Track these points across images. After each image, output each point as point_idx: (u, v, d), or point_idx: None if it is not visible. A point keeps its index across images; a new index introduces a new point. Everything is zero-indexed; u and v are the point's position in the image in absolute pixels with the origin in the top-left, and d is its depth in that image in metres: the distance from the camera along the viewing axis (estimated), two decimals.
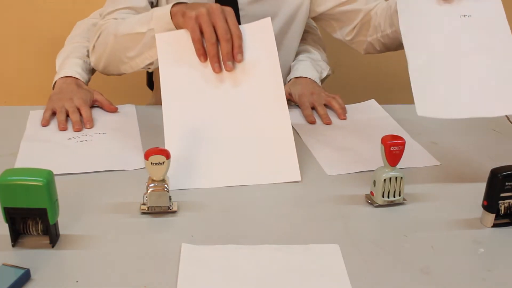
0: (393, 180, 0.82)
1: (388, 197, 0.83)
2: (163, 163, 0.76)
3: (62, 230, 0.75)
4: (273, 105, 0.96)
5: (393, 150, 0.80)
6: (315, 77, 1.25)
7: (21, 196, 0.68)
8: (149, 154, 0.76)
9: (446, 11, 0.98)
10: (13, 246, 0.72)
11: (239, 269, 0.69)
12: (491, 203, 0.78)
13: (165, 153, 0.76)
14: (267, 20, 0.99)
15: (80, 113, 1.10)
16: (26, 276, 0.66)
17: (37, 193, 0.68)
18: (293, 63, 1.31)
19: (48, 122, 1.09)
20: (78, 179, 0.90)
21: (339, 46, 1.36)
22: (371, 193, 0.85)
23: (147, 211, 0.81)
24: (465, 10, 0.98)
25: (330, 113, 1.16)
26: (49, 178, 0.69)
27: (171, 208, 0.81)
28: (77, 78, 1.19)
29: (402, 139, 0.80)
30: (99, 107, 1.17)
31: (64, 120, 1.08)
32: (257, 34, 0.99)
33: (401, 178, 0.83)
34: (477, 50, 0.94)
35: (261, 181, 0.90)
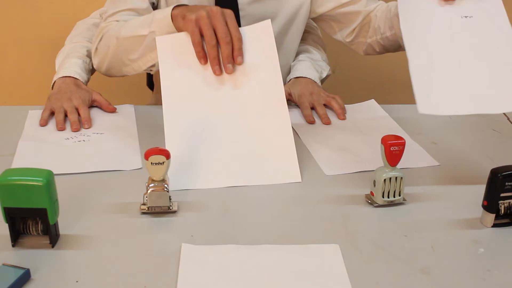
0: (393, 180, 0.82)
1: (388, 197, 0.83)
2: (163, 163, 0.76)
3: (62, 230, 0.75)
4: (273, 107, 0.96)
5: (393, 150, 0.80)
6: (315, 77, 1.25)
7: (21, 196, 0.68)
8: (149, 154, 0.76)
9: (447, 12, 0.98)
10: (13, 246, 0.72)
11: (239, 269, 0.69)
12: (491, 203, 0.78)
13: (165, 153, 0.76)
14: (267, 22, 0.99)
15: (78, 113, 1.10)
16: (26, 276, 0.66)
17: (37, 193, 0.68)
18: (293, 63, 1.31)
19: (46, 122, 1.09)
20: (78, 179, 0.90)
21: (339, 46, 1.37)
22: (371, 193, 0.85)
23: (147, 211, 0.81)
24: (466, 11, 0.98)
25: (329, 113, 1.16)
26: (49, 178, 0.69)
27: (171, 208, 0.81)
28: (76, 78, 1.19)
29: (402, 139, 0.80)
30: (98, 107, 1.17)
31: (62, 120, 1.08)
32: (257, 36, 0.99)
33: (401, 178, 0.83)
34: (478, 50, 0.94)
35: (262, 181, 0.90)
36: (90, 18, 1.38)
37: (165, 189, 0.79)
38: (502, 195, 0.77)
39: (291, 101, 1.21)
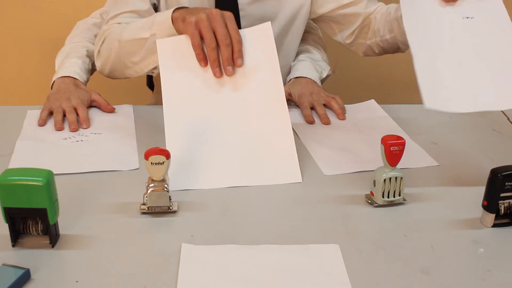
0: (393, 180, 0.82)
1: (388, 197, 0.83)
2: (163, 163, 0.76)
3: (62, 230, 0.75)
4: (273, 108, 0.96)
5: (393, 150, 0.80)
6: (315, 77, 1.25)
7: (21, 196, 0.68)
8: (149, 154, 0.76)
9: (448, 13, 0.98)
10: (13, 246, 0.72)
11: (239, 269, 0.69)
12: (491, 203, 0.78)
13: (165, 153, 0.76)
14: (267, 24, 1.00)
15: (77, 113, 1.10)
16: (26, 276, 0.66)
17: (37, 193, 0.68)
18: (293, 63, 1.31)
19: (44, 121, 1.09)
20: (77, 179, 0.90)
21: (339, 46, 1.37)
22: (371, 193, 0.85)
23: (147, 211, 0.81)
24: (467, 12, 0.98)
25: (329, 113, 1.16)
26: (49, 178, 0.69)
27: (171, 208, 0.81)
28: (75, 78, 1.19)
29: (402, 139, 0.80)
30: (96, 107, 1.17)
31: (60, 120, 1.08)
32: (257, 38, 0.99)
33: (401, 178, 0.83)
34: (480, 49, 0.94)
35: (262, 182, 0.90)
36: (90, 18, 1.38)
37: (165, 189, 0.79)
38: (502, 195, 0.77)
39: (291, 101, 1.21)
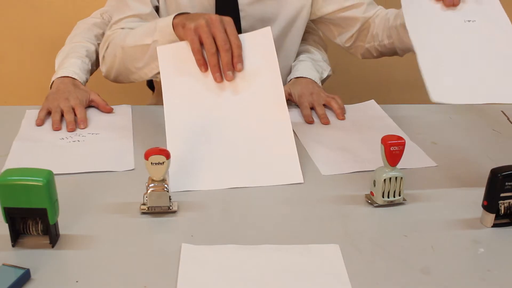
0: (393, 180, 0.82)
1: (388, 197, 0.83)
2: (163, 163, 0.76)
3: (62, 230, 0.75)
4: (274, 111, 0.97)
5: (393, 150, 0.80)
6: (315, 77, 1.25)
7: (21, 196, 0.68)
8: (149, 154, 0.76)
9: (450, 16, 0.98)
10: (13, 246, 0.72)
11: (239, 269, 0.69)
12: (491, 203, 0.78)
13: (165, 153, 0.76)
14: (267, 29, 1.01)
15: (75, 113, 1.10)
16: (26, 276, 0.66)
17: (37, 193, 0.68)
18: (294, 63, 1.31)
19: (42, 121, 1.09)
20: (77, 179, 0.90)
21: (339, 46, 1.37)
22: (371, 193, 0.85)
23: (147, 211, 0.81)
24: (468, 15, 0.98)
25: (329, 114, 1.16)
26: (49, 178, 0.69)
27: (171, 208, 0.81)
28: (75, 78, 1.19)
29: (402, 139, 0.80)
30: (95, 107, 1.17)
31: (58, 120, 1.08)
32: (257, 43, 1.00)
33: (401, 178, 0.83)
34: (484, 49, 0.94)
35: (264, 183, 0.90)
36: (90, 18, 1.38)
37: (165, 189, 0.79)
38: (502, 195, 0.77)
39: (291, 101, 1.21)
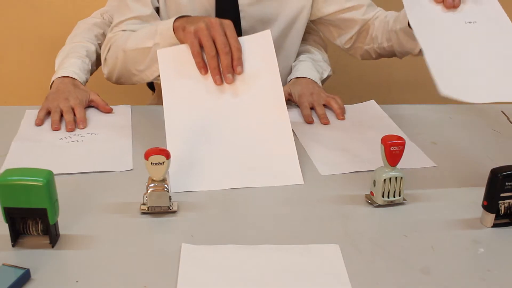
0: (393, 180, 0.82)
1: (388, 197, 0.83)
2: (163, 163, 0.76)
3: (62, 230, 0.75)
4: (273, 113, 0.97)
5: (393, 150, 0.80)
6: (315, 77, 1.25)
7: (21, 196, 0.68)
8: (149, 154, 0.76)
9: (451, 17, 0.98)
10: (13, 246, 0.72)
11: (239, 269, 0.69)
12: (491, 203, 0.78)
13: (165, 153, 0.76)
14: (267, 32, 1.01)
15: (74, 113, 1.10)
16: (26, 276, 0.66)
17: (37, 193, 0.68)
18: (294, 63, 1.31)
19: (42, 121, 1.09)
20: (77, 179, 0.90)
21: (339, 47, 1.37)
22: (371, 193, 0.85)
23: (147, 211, 0.81)
24: (469, 16, 0.98)
25: (329, 114, 1.16)
26: (49, 178, 0.69)
27: (171, 208, 0.81)
28: (74, 78, 1.19)
29: (402, 139, 0.80)
30: (95, 107, 1.17)
31: (57, 120, 1.08)
32: (257, 45, 1.01)
33: (401, 178, 0.83)
34: (489, 49, 0.94)
35: (264, 184, 0.90)
36: (91, 17, 1.38)
37: (165, 189, 0.79)
38: (502, 195, 0.77)
39: (291, 101, 1.21)
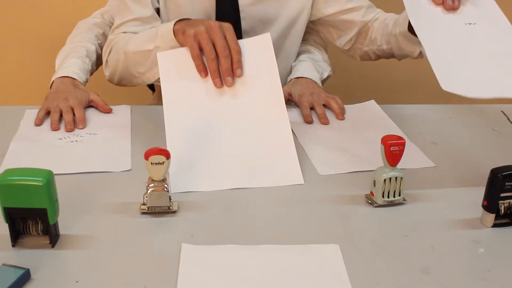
0: (393, 180, 0.82)
1: (388, 197, 0.83)
2: (163, 163, 0.76)
3: (62, 230, 0.75)
4: (273, 114, 0.98)
5: (393, 150, 0.80)
6: (315, 77, 1.25)
7: (21, 196, 0.68)
8: (149, 154, 0.76)
9: (451, 19, 0.98)
10: (13, 246, 0.72)
11: (239, 269, 0.69)
12: (491, 203, 0.78)
13: (165, 153, 0.76)
14: (267, 35, 1.02)
15: (74, 113, 1.10)
16: (26, 276, 0.66)
17: (37, 193, 0.68)
18: (294, 63, 1.31)
19: (41, 121, 1.09)
20: (78, 179, 0.90)
21: (339, 48, 1.37)
22: (371, 193, 0.85)
23: (147, 211, 0.81)
24: (468, 18, 0.98)
25: (328, 114, 1.16)
26: (49, 178, 0.69)
27: (171, 208, 0.81)
28: (74, 78, 1.19)
29: (402, 139, 0.80)
30: (95, 107, 1.17)
31: (57, 120, 1.08)
32: (257, 48, 1.01)
33: (401, 178, 0.83)
34: (490, 49, 0.94)
35: (264, 184, 0.90)
36: (91, 17, 1.38)
37: (165, 189, 0.79)
38: (502, 195, 0.77)
39: (291, 101, 1.21)
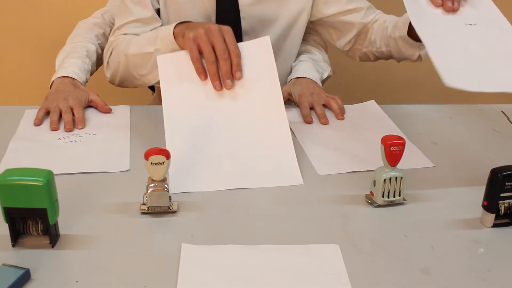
0: (393, 180, 0.82)
1: (388, 197, 0.83)
2: (163, 163, 0.76)
3: (62, 230, 0.75)
4: (272, 116, 0.98)
5: (393, 150, 0.80)
6: (315, 77, 1.25)
7: (21, 196, 0.68)
8: (149, 154, 0.76)
9: (451, 20, 0.98)
10: (13, 246, 0.72)
11: (239, 269, 0.69)
12: (491, 203, 0.78)
13: (165, 153, 0.76)
14: (266, 38, 1.02)
15: (73, 113, 1.10)
16: (26, 276, 0.66)
17: (37, 193, 0.68)
18: (294, 63, 1.31)
19: (41, 121, 1.09)
20: (78, 179, 0.90)
21: (339, 48, 1.37)
22: (371, 193, 0.85)
23: (147, 211, 0.81)
24: (468, 19, 0.98)
25: (328, 114, 1.16)
26: (49, 178, 0.69)
27: (171, 208, 0.81)
28: (74, 78, 1.19)
29: (402, 139, 0.80)
30: (94, 107, 1.17)
31: (56, 120, 1.08)
32: (256, 51, 1.01)
33: (401, 178, 0.83)
34: (491, 48, 0.94)
35: (264, 184, 0.90)
36: (91, 17, 1.38)
37: (165, 189, 0.79)
38: (502, 195, 0.77)
39: (291, 101, 1.21)
